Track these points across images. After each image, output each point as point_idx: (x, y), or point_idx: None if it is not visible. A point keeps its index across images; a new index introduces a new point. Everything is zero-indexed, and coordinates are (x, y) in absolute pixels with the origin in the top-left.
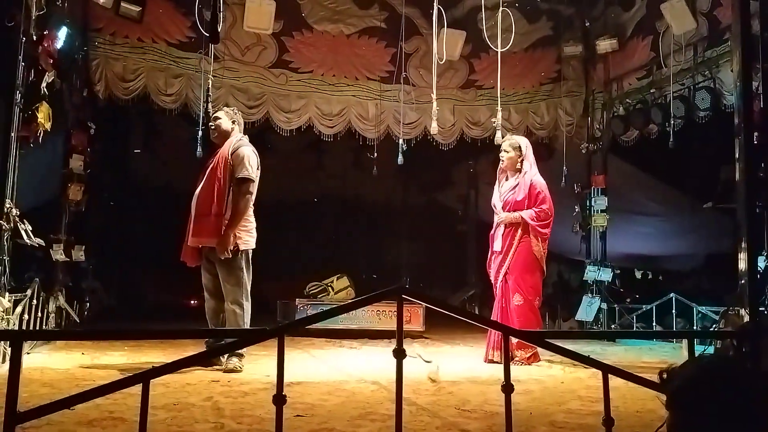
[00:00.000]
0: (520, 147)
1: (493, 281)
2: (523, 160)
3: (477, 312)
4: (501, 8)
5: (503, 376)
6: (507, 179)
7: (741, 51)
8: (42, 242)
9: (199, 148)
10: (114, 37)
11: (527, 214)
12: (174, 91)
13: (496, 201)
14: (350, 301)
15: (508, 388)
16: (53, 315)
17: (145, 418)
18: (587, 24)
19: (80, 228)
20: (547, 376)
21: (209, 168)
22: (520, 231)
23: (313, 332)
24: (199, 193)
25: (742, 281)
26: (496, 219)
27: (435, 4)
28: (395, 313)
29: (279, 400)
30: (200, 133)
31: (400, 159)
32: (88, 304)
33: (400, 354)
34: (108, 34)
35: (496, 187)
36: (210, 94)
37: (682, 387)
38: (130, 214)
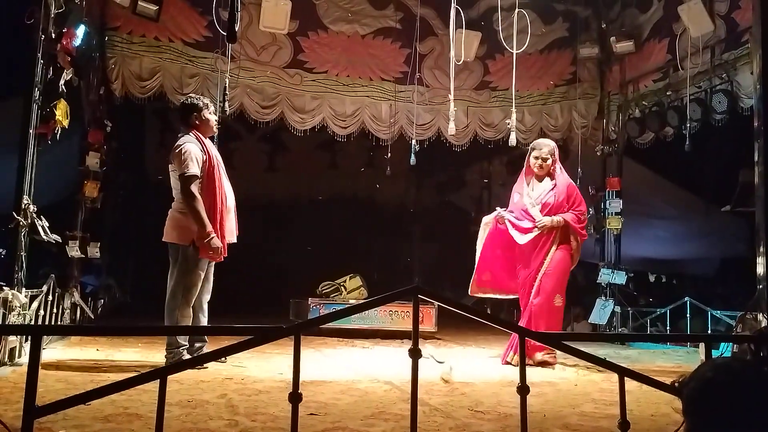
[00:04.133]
0: (554, 152)
1: (520, 285)
2: (555, 162)
3: (489, 313)
4: (517, 9)
5: (518, 377)
6: (535, 182)
7: (762, 53)
8: (58, 239)
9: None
10: (131, 36)
11: (569, 217)
12: (190, 90)
13: (527, 204)
14: (366, 300)
15: (523, 389)
16: (68, 311)
17: (162, 414)
18: (604, 25)
19: (96, 225)
20: (560, 379)
21: (220, 164)
22: (558, 234)
23: (325, 331)
24: (225, 189)
25: (761, 286)
26: (510, 220)
27: (453, 4)
28: (407, 313)
29: (295, 397)
30: (216, 131)
31: (413, 160)
32: (102, 301)
33: (416, 353)
34: (125, 33)
35: (522, 190)
36: (227, 93)
37: (697, 391)
38: (145, 212)
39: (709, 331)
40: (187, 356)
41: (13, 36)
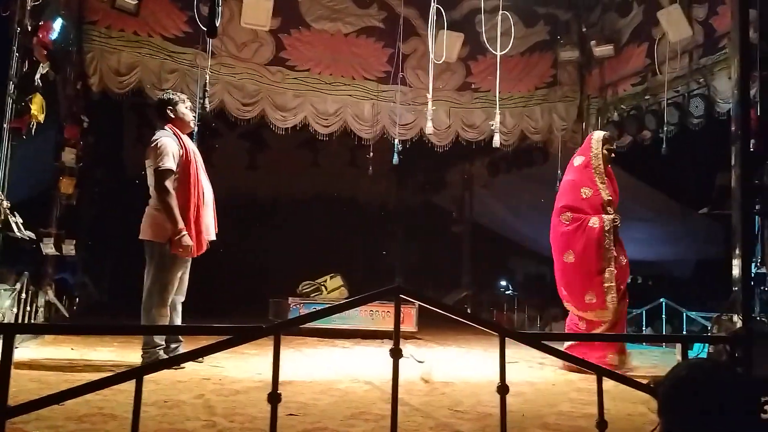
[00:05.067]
0: None
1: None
2: None
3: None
4: (500, 11)
5: (498, 377)
6: (603, 176)
7: (739, 59)
8: (32, 235)
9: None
10: (109, 30)
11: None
12: (169, 86)
13: (605, 199)
14: (347, 300)
15: (503, 389)
16: (42, 309)
17: (137, 414)
18: (584, 29)
19: (71, 222)
20: (538, 378)
21: (199, 160)
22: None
23: (306, 331)
24: (203, 185)
25: (736, 288)
26: (601, 220)
27: (433, 3)
28: (388, 313)
29: (274, 398)
30: (196, 128)
31: (396, 159)
32: (77, 299)
33: (396, 353)
34: (103, 27)
35: (595, 185)
36: (207, 89)
37: (671, 390)
38: (123, 209)
39: (685, 332)
40: (163, 356)
41: None
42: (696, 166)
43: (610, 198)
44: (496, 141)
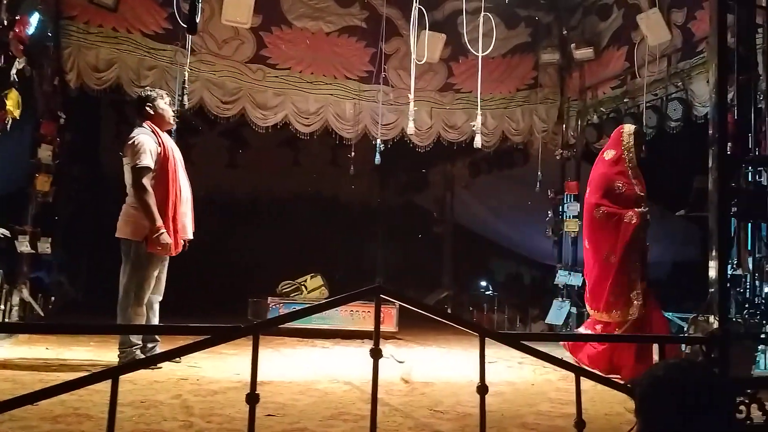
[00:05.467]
0: None
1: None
2: None
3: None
4: (483, 13)
5: (477, 377)
6: (634, 171)
7: (717, 63)
8: (7, 233)
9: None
10: (87, 26)
11: None
12: (148, 83)
13: (639, 195)
14: (327, 299)
15: (482, 389)
16: (17, 308)
17: (113, 414)
18: (564, 32)
19: (47, 219)
20: (518, 378)
21: (178, 158)
22: None
23: (285, 331)
24: (181, 184)
25: (712, 289)
26: (637, 215)
27: (415, 4)
28: (368, 313)
29: (252, 398)
30: (174, 126)
31: (378, 159)
32: (53, 298)
33: (376, 353)
34: (81, 23)
35: (629, 180)
36: (186, 86)
37: (649, 390)
38: (100, 207)
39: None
40: (140, 356)
41: None
42: (674, 169)
43: (643, 193)
44: (478, 142)
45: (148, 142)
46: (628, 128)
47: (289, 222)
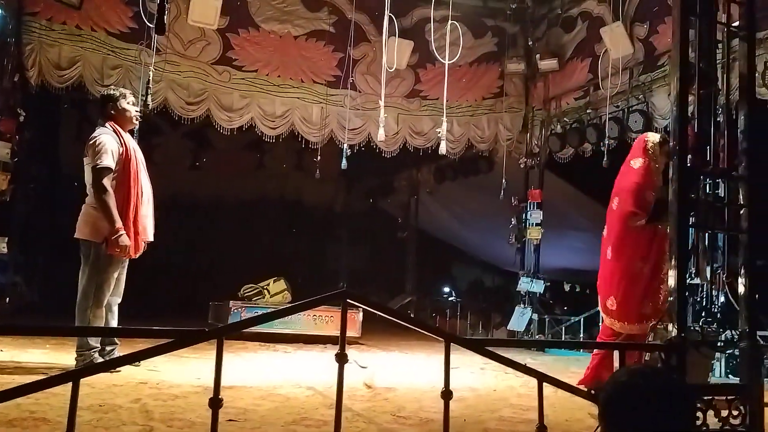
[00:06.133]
0: None
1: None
2: None
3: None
4: (450, 21)
5: (440, 382)
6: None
7: (679, 77)
8: None
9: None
10: (51, 23)
11: None
12: (111, 82)
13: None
14: (292, 303)
15: (447, 394)
16: None
17: (73, 418)
18: (530, 43)
19: (4, 219)
20: (480, 384)
21: (140, 159)
22: None
23: (246, 335)
24: (142, 185)
25: (671, 297)
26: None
27: (386, 11)
28: (331, 318)
29: (215, 403)
30: (137, 123)
31: (344, 164)
32: (8, 299)
33: (342, 358)
34: (44, 19)
35: (655, 188)
36: (150, 86)
37: (611, 395)
38: (58, 207)
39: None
40: (99, 359)
41: None
42: None
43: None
44: (443, 148)
45: (110, 143)
46: (653, 137)
47: (252, 225)
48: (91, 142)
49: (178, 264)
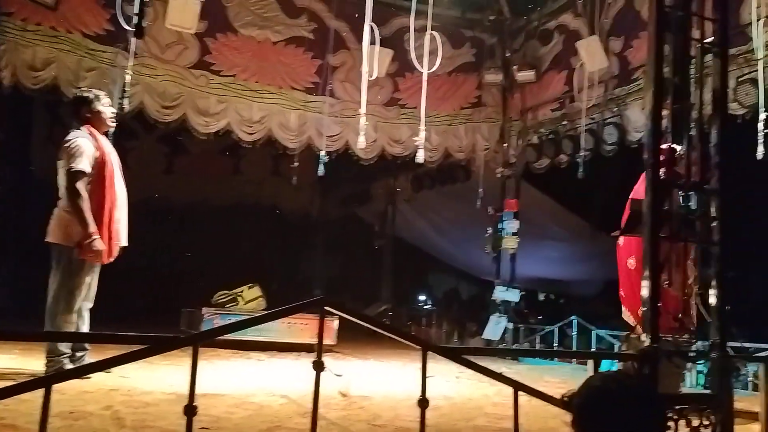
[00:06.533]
0: None
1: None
2: None
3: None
4: (429, 31)
5: (416, 390)
6: None
7: (653, 92)
8: None
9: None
10: (25, 23)
11: None
12: (86, 84)
13: None
14: (268, 310)
15: (423, 402)
16: None
17: (45, 425)
18: (508, 54)
19: None
20: (455, 393)
21: (115, 162)
22: None
23: (220, 343)
24: (117, 189)
25: (645, 307)
26: None
27: (367, 20)
28: (306, 325)
29: (190, 410)
30: (113, 126)
31: (321, 170)
32: None
33: (319, 366)
34: (19, 20)
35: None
36: (127, 89)
37: (585, 400)
38: (29, 209)
39: (593, 349)
40: (69, 365)
41: None
42: (608, 191)
43: None
44: (421, 157)
45: (86, 146)
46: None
47: (227, 231)
48: (66, 145)
49: (150, 269)
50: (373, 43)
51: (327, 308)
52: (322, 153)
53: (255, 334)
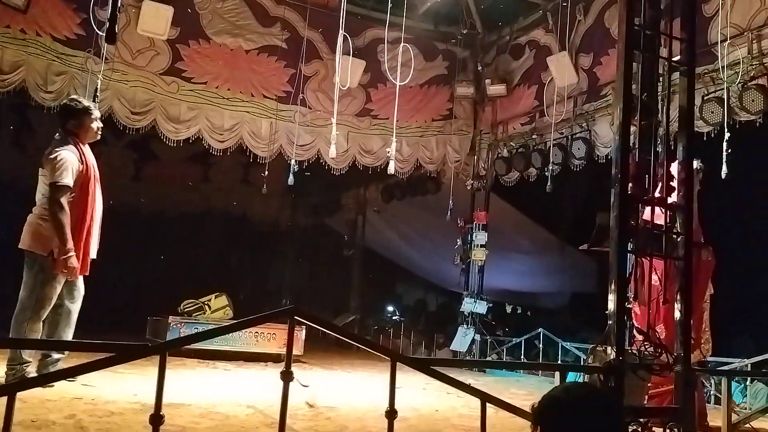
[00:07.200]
0: None
1: None
2: None
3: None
4: (402, 43)
5: (384, 401)
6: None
7: (622, 108)
8: None
9: None
10: None
11: None
12: (55, 89)
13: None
14: (235, 320)
15: (391, 413)
16: None
17: None
18: (479, 68)
19: None
20: (422, 404)
21: (96, 176)
22: None
23: (186, 352)
24: (96, 204)
25: (611, 321)
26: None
27: (341, 30)
28: (273, 335)
29: (156, 419)
30: (98, 137)
31: (291, 179)
32: None
33: (287, 376)
34: None
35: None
36: (98, 94)
37: (548, 410)
38: None
39: (560, 361)
40: (31, 374)
41: None
42: (576, 204)
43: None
44: (392, 168)
45: (72, 160)
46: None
47: (195, 239)
48: (51, 157)
49: (115, 277)
50: (346, 53)
51: (297, 318)
52: (293, 162)
53: (222, 343)
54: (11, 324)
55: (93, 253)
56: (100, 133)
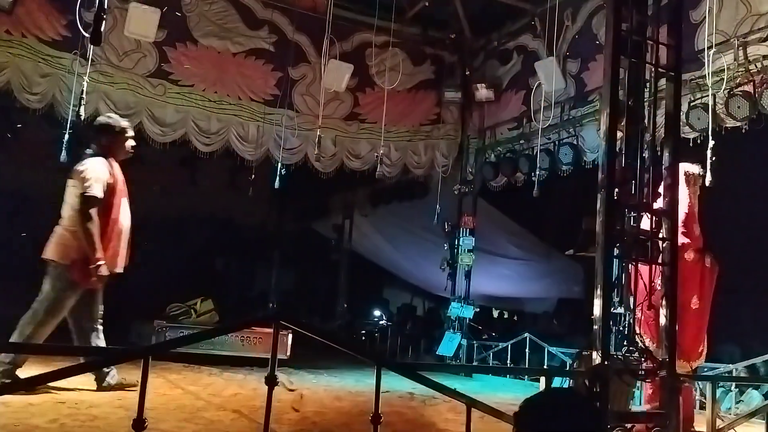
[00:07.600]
0: None
1: None
2: None
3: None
4: (390, 47)
5: (370, 406)
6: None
7: (609, 113)
8: None
9: (63, 153)
10: None
11: None
12: (40, 91)
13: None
14: (221, 324)
15: (376, 418)
16: None
17: None
18: (467, 73)
19: None
20: (408, 408)
21: (124, 190)
22: None
23: (171, 356)
24: (122, 218)
25: (596, 326)
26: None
27: (327, 33)
28: (259, 339)
29: (140, 424)
30: (66, 136)
31: (278, 183)
32: None
33: (272, 381)
34: None
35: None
36: (84, 97)
37: (529, 415)
38: None
39: (546, 366)
40: (5, 381)
41: None
42: (562, 210)
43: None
44: (380, 172)
45: (102, 172)
46: (692, 168)
47: (180, 242)
48: (80, 169)
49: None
50: (334, 57)
51: (283, 322)
52: (279, 165)
53: (208, 347)
54: (18, 323)
55: (117, 266)
56: (132, 151)
